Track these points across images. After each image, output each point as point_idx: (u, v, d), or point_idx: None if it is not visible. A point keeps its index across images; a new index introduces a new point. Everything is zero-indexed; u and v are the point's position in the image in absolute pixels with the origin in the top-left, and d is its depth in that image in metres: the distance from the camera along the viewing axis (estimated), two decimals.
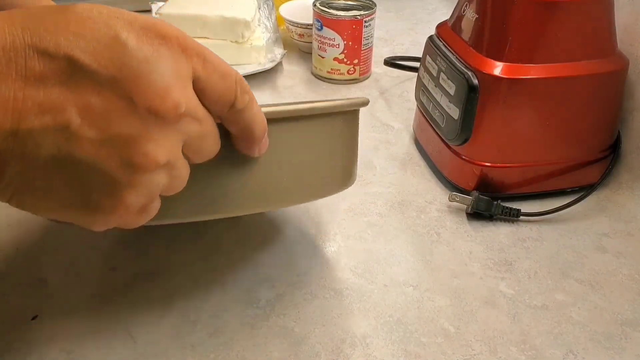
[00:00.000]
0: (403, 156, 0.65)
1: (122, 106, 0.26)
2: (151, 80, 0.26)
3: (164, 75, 0.26)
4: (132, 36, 0.26)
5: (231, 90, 0.30)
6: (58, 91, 0.25)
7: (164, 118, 0.27)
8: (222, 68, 0.29)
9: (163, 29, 0.27)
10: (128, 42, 0.26)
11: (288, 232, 0.53)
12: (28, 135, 0.25)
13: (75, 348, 0.42)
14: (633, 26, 0.58)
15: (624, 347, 0.43)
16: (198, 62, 0.28)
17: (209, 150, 0.31)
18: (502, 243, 0.52)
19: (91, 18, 0.25)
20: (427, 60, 0.60)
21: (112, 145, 0.26)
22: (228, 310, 0.45)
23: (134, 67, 0.26)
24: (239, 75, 0.31)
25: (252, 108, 0.31)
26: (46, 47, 0.24)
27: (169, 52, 0.27)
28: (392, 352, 0.42)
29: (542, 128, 0.53)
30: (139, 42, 0.26)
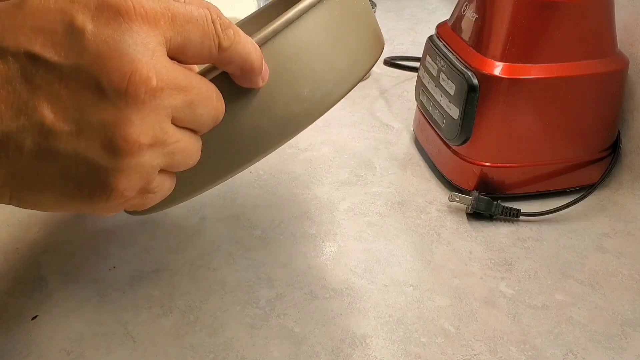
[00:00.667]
0: (403, 156, 0.65)
1: (91, 94, 0.25)
2: (114, 62, 0.25)
3: (127, 53, 0.25)
4: (87, 19, 0.25)
5: (210, 34, 0.28)
6: (26, 90, 0.25)
7: (136, 97, 0.25)
8: (194, 15, 0.27)
9: (120, 4, 0.25)
10: (85, 26, 0.25)
11: (288, 232, 0.53)
12: (7, 139, 0.25)
13: (75, 348, 0.42)
14: (633, 26, 0.58)
15: (624, 347, 0.43)
16: (165, 24, 0.27)
17: (209, 114, 0.29)
18: (502, 243, 0.52)
19: (47, 7, 0.25)
20: (427, 60, 0.60)
21: (90, 134, 0.26)
22: (228, 310, 0.45)
23: (94, 52, 0.25)
24: (215, 10, 0.29)
25: (239, 41, 0.29)
26: (7, 46, 0.24)
27: (129, 26, 0.25)
28: (392, 352, 0.42)
29: (542, 128, 0.53)
30: (96, 24, 0.25)
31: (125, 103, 0.25)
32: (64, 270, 0.49)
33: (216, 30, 0.28)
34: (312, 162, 0.63)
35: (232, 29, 0.29)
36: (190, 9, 0.27)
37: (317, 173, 0.62)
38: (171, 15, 0.27)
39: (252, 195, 0.58)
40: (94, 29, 0.25)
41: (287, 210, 0.56)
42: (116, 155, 0.26)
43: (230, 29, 0.29)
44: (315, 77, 0.36)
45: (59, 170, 0.26)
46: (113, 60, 0.25)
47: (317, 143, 0.66)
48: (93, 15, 0.25)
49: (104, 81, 0.25)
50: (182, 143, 0.29)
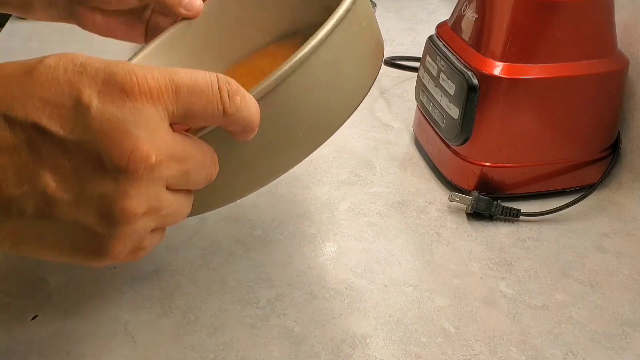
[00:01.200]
0: (403, 156, 0.65)
1: (92, 168, 0.26)
2: (116, 139, 0.26)
3: (129, 132, 0.26)
4: (94, 95, 0.26)
5: (214, 102, 0.29)
6: (31, 159, 0.26)
7: (135, 173, 0.27)
8: (198, 84, 0.28)
9: (125, 81, 0.26)
10: (91, 102, 0.26)
11: (288, 232, 0.53)
12: (10, 203, 0.26)
13: (75, 348, 0.42)
14: (633, 26, 0.58)
15: (624, 347, 0.43)
16: (168, 98, 0.28)
17: (202, 178, 0.31)
18: (502, 243, 0.52)
19: (56, 79, 0.26)
20: (427, 60, 0.60)
21: (89, 204, 0.27)
22: (228, 310, 0.45)
23: (97, 129, 0.26)
24: (222, 78, 0.29)
25: (245, 107, 0.30)
26: (15, 116, 0.25)
27: (133, 105, 0.26)
28: (392, 352, 0.42)
29: (542, 128, 0.53)
30: (102, 101, 0.26)
31: (124, 178, 0.27)
32: (64, 270, 0.49)
33: (222, 99, 0.29)
34: (312, 162, 0.63)
35: (239, 96, 0.30)
36: (196, 78, 0.28)
37: (317, 173, 0.61)
38: (175, 87, 0.28)
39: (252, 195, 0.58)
40: (99, 106, 0.26)
41: (287, 210, 0.56)
42: (113, 224, 0.27)
43: (237, 95, 0.30)
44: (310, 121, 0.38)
45: (58, 233, 0.28)
46: (115, 138, 0.26)
47: None
48: (99, 91, 0.26)
49: (106, 157, 0.26)
50: (175, 205, 0.30)
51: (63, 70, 0.26)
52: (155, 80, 0.27)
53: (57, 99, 0.26)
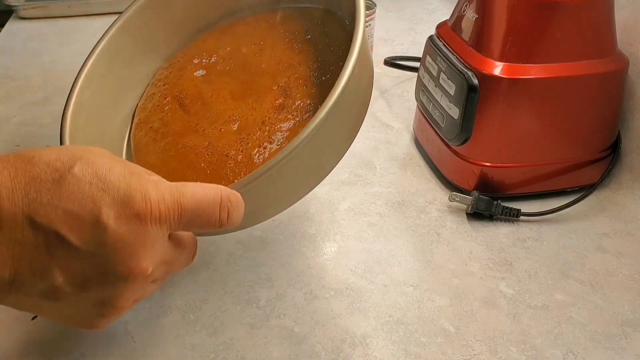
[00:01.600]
0: (403, 156, 0.65)
1: (97, 273, 0.31)
2: (124, 257, 0.30)
3: (136, 252, 0.31)
4: (112, 216, 0.30)
5: (214, 220, 0.33)
6: (46, 257, 0.29)
7: (132, 282, 0.31)
8: (202, 207, 0.33)
9: (140, 208, 0.30)
10: (108, 223, 0.30)
11: (288, 232, 0.53)
12: (21, 285, 0.30)
13: (75, 348, 0.42)
14: (633, 26, 0.58)
15: (624, 347, 0.43)
16: (173, 220, 0.31)
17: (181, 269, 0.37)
18: (502, 243, 0.52)
19: (81, 192, 0.29)
20: (427, 60, 0.60)
21: (88, 298, 0.32)
22: (228, 310, 0.45)
23: (110, 246, 0.30)
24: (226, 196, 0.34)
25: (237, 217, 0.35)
26: (40, 222, 0.29)
27: (144, 229, 0.31)
28: (392, 352, 0.42)
29: (542, 128, 0.53)
30: (118, 222, 0.30)
31: (123, 284, 0.31)
32: None
33: (221, 217, 0.34)
34: None
35: (236, 212, 0.34)
36: (201, 200, 0.33)
37: None
38: (180, 211, 0.32)
39: None
40: (115, 227, 0.30)
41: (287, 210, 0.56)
42: (105, 314, 0.33)
43: (236, 211, 0.34)
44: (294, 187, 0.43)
45: (56, 309, 0.32)
46: (123, 256, 0.30)
47: None
48: (117, 213, 0.30)
49: (111, 269, 0.31)
50: (154, 290, 0.36)
51: (88, 184, 0.30)
52: (166, 205, 0.31)
53: (79, 212, 0.29)
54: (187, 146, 0.48)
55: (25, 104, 0.75)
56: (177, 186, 0.32)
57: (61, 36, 0.95)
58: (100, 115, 0.50)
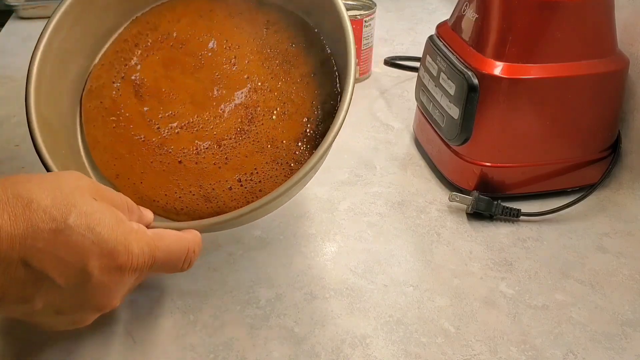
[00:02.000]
0: (403, 156, 0.65)
1: (74, 306, 0.35)
2: (101, 297, 0.35)
3: (113, 297, 0.36)
4: (97, 266, 0.33)
5: (177, 268, 0.39)
6: (32, 290, 0.33)
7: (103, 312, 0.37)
8: (171, 260, 0.38)
9: (122, 261, 0.34)
10: (93, 272, 0.33)
11: (288, 232, 0.53)
12: (6, 307, 0.34)
13: (75, 348, 0.42)
14: (633, 26, 0.58)
15: (624, 347, 0.43)
16: (144, 269, 0.36)
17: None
18: (502, 243, 0.52)
19: (74, 243, 0.32)
20: (427, 60, 0.60)
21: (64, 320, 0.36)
22: (228, 310, 0.45)
23: (90, 290, 0.34)
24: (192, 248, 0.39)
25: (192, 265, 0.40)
26: (34, 265, 0.31)
27: (121, 278, 0.35)
28: (392, 352, 0.42)
29: (542, 128, 0.53)
30: (101, 274, 0.33)
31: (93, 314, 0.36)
32: None
33: (182, 267, 0.39)
34: None
35: (195, 260, 0.40)
36: (172, 253, 0.37)
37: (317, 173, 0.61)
38: (152, 263, 0.36)
39: None
40: (98, 276, 0.33)
41: (287, 210, 0.56)
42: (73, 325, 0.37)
43: (195, 260, 0.40)
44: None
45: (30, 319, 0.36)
46: (101, 297, 0.35)
47: None
48: (102, 264, 0.33)
49: (87, 305, 0.35)
50: None
51: (81, 236, 0.32)
52: (143, 258, 0.35)
53: (69, 260, 0.32)
54: (138, 138, 0.48)
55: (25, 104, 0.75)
56: (155, 239, 0.36)
57: None
58: (65, 70, 0.49)
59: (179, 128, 0.48)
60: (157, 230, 0.38)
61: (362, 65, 0.79)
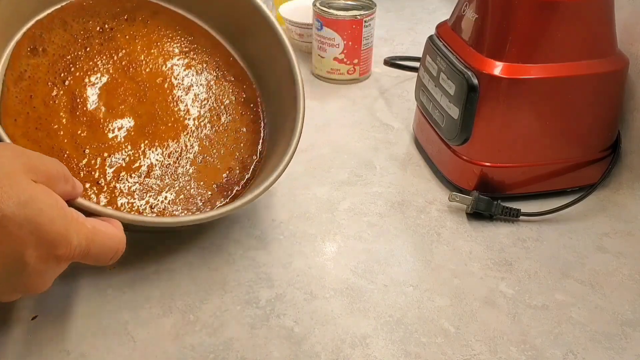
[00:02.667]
0: (403, 156, 0.65)
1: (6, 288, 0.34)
2: (35, 283, 0.35)
3: (44, 281, 0.35)
4: (33, 256, 0.33)
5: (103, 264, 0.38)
6: None
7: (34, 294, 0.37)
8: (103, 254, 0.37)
9: (62, 253, 0.34)
10: (29, 262, 0.33)
11: (288, 232, 0.53)
12: None
13: (75, 348, 0.42)
14: (633, 26, 0.58)
15: (624, 347, 0.43)
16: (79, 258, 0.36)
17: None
18: (502, 243, 0.52)
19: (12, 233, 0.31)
20: (427, 60, 0.60)
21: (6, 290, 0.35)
22: (228, 310, 0.45)
23: (24, 278, 0.34)
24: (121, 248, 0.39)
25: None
26: None
27: (58, 265, 0.35)
28: (392, 352, 0.42)
29: (542, 128, 0.53)
30: (37, 262, 0.33)
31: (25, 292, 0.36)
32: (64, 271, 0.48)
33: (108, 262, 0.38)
34: (312, 162, 0.63)
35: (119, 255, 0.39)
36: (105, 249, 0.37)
37: (317, 173, 0.61)
38: (87, 255, 0.36)
39: None
40: (34, 266, 0.33)
41: (287, 210, 0.56)
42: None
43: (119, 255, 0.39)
44: None
45: None
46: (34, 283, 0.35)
47: (317, 143, 0.66)
48: (39, 254, 0.33)
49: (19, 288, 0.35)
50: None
51: (19, 227, 0.32)
52: (80, 249, 0.35)
53: (5, 250, 0.32)
54: (60, 151, 0.47)
55: None
56: (92, 233, 0.36)
57: None
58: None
59: (108, 158, 0.48)
60: (95, 223, 0.37)
61: (362, 65, 0.79)
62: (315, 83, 0.80)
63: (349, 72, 0.79)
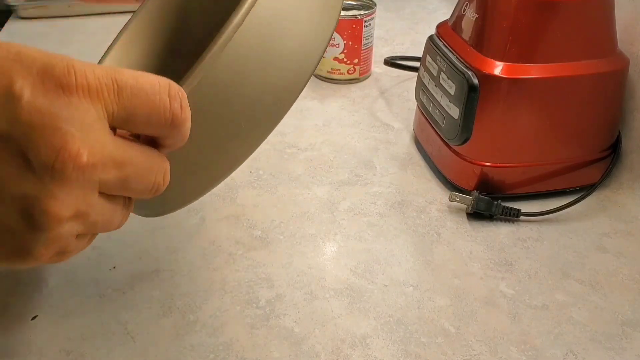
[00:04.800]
0: (403, 156, 0.65)
1: (16, 164, 0.24)
2: (45, 134, 0.24)
3: (59, 127, 0.24)
4: (27, 85, 0.24)
5: (162, 111, 0.27)
6: None
7: (62, 173, 0.24)
8: (144, 88, 0.26)
9: (62, 74, 0.24)
10: (23, 93, 0.24)
11: (288, 232, 0.53)
12: None
13: (75, 348, 0.42)
14: (633, 26, 0.58)
15: (625, 347, 0.43)
16: (109, 97, 0.25)
17: (146, 188, 0.29)
18: (502, 243, 0.52)
19: None
20: (427, 60, 0.60)
21: (11, 204, 0.25)
22: (228, 310, 0.45)
23: (26, 123, 0.24)
24: (175, 86, 0.27)
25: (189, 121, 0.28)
26: None
27: (68, 100, 0.24)
28: (392, 352, 0.42)
29: (542, 128, 0.53)
30: (34, 92, 0.24)
31: (50, 178, 0.24)
32: (64, 270, 0.49)
33: (171, 107, 0.27)
34: (312, 162, 0.63)
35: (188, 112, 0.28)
36: (143, 82, 0.26)
37: (317, 173, 0.61)
38: (117, 87, 0.26)
39: (252, 195, 0.58)
40: (30, 98, 0.24)
41: (287, 210, 0.56)
42: (35, 228, 0.25)
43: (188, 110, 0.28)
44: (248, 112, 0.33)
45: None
46: (44, 133, 0.24)
47: (317, 143, 0.66)
48: (33, 82, 0.24)
49: (32, 154, 0.24)
50: (107, 213, 0.28)
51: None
52: (97, 77, 0.25)
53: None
54: None
55: None
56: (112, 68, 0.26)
57: (61, 36, 0.95)
58: None
59: None
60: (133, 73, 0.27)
61: (362, 65, 0.79)
62: (315, 83, 0.80)
63: (349, 71, 0.79)
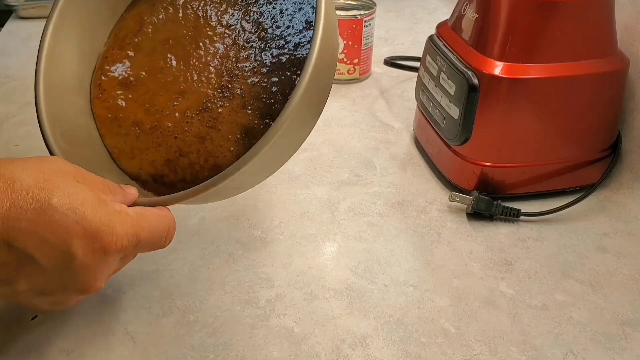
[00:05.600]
0: (403, 156, 0.64)
1: (58, 287, 0.35)
2: (84, 279, 0.35)
3: (95, 275, 0.35)
4: (80, 247, 0.33)
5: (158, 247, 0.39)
6: (15, 271, 0.33)
7: (86, 294, 0.36)
8: (154, 239, 0.38)
9: (107, 242, 0.34)
10: (76, 254, 0.33)
11: (288, 232, 0.53)
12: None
13: (75, 348, 0.42)
14: (633, 26, 0.58)
15: (624, 347, 0.43)
16: (128, 249, 0.36)
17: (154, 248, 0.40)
18: (502, 243, 0.52)
19: (57, 223, 0.32)
20: (427, 60, 0.60)
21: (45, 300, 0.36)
22: (228, 310, 0.45)
23: (74, 271, 0.34)
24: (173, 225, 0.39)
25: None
26: (17, 246, 0.31)
27: (105, 259, 0.34)
28: (392, 352, 0.42)
29: (542, 128, 0.53)
30: (85, 252, 0.33)
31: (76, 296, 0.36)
32: None
33: (163, 245, 0.39)
34: (312, 162, 0.63)
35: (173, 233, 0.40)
36: (155, 232, 0.38)
37: (317, 173, 0.61)
38: (136, 242, 0.36)
39: (252, 195, 0.58)
40: (82, 257, 0.33)
41: (287, 210, 0.56)
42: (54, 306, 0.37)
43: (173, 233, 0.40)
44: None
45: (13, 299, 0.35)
46: (85, 279, 0.35)
47: (317, 143, 0.66)
48: (85, 245, 0.33)
49: (70, 286, 0.35)
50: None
51: (64, 216, 0.32)
52: (128, 239, 0.35)
53: (53, 241, 0.32)
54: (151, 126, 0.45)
55: (25, 104, 0.75)
56: (138, 220, 0.36)
57: None
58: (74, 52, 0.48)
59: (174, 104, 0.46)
60: (139, 210, 0.37)
61: (362, 65, 0.79)
62: None
63: (349, 72, 0.79)
